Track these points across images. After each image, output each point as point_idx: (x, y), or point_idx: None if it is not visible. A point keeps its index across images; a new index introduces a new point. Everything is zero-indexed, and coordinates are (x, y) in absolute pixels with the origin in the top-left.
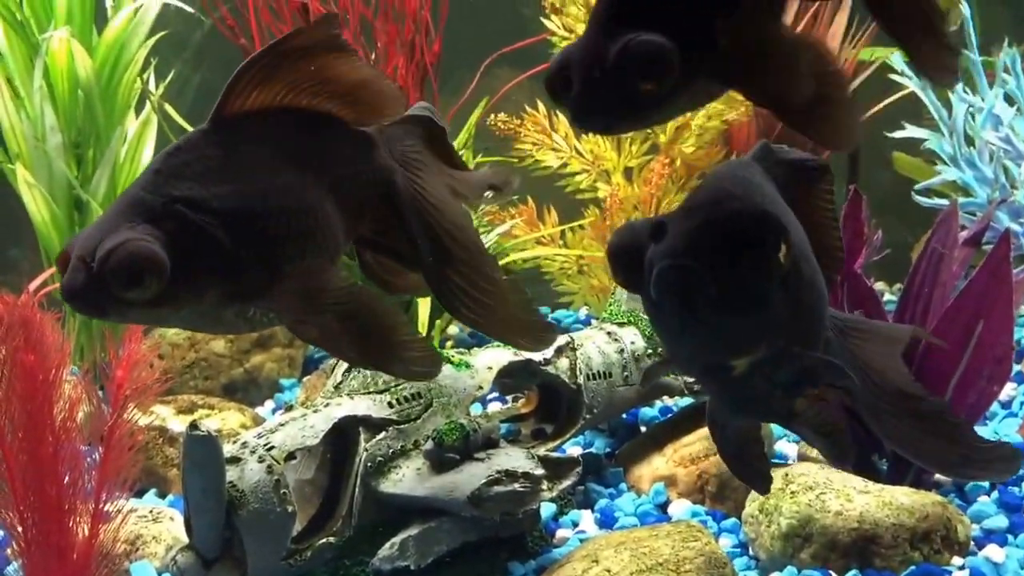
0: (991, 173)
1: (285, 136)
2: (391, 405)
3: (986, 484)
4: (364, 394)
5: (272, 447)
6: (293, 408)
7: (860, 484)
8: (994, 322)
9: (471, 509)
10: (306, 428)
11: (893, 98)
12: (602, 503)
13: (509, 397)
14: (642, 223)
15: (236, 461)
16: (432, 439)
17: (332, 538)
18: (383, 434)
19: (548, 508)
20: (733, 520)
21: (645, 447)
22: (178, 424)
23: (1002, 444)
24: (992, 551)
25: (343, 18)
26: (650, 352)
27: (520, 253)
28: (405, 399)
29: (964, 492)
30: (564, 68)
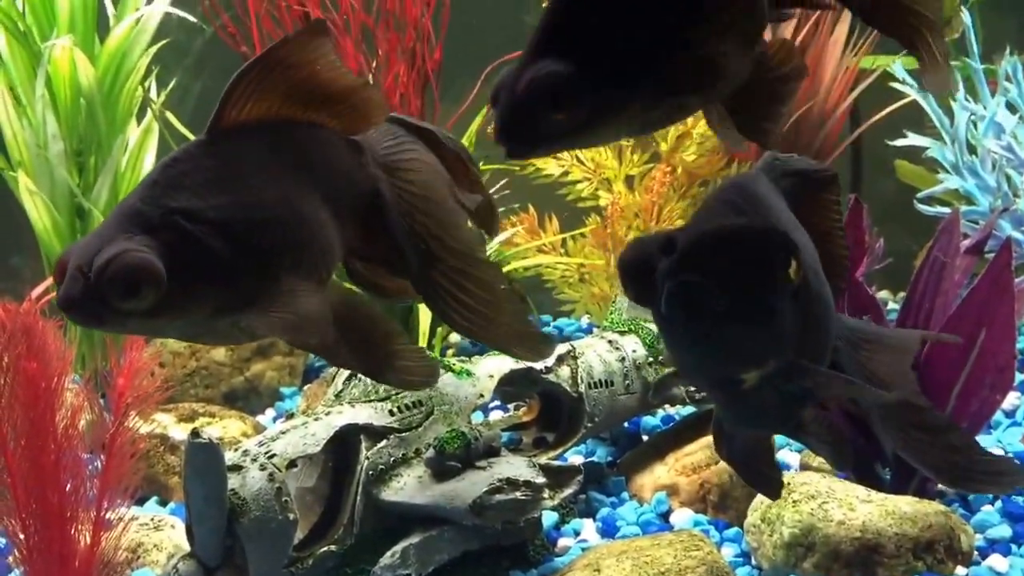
0: (993, 182)
1: (280, 147)
2: (392, 413)
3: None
4: (365, 402)
5: (274, 455)
6: (294, 416)
7: (863, 493)
8: (996, 331)
9: (473, 517)
10: (307, 436)
11: (895, 106)
12: (604, 512)
13: (510, 405)
14: (652, 238)
15: (238, 469)
16: (433, 447)
17: (333, 546)
18: (384, 442)
19: (550, 517)
20: (735, 529)
21: (647, 456)
22: (179, 432)
23: (1006, 458)
24: (996, 561)
25: (344, 25)
26: (651, 360)
27: (521, 261)
28: (406, 407)
29: (968, 502)
30: (499, 89)
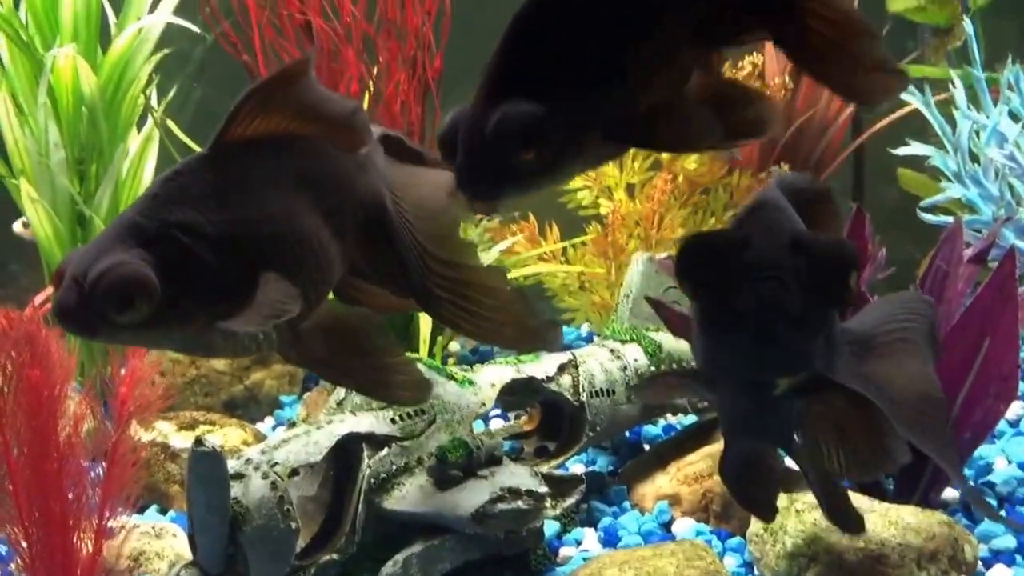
0: (996, 190)
1: (283, 163)
2: (394, 421)
3: (994, 503)
4: (367, 410)
5: (276, 463)
6: (296, 424)
7: (866, 503)
8: (1000, 340)
9: (475, 526)
10: (310, 444)
11: (897, 114)
12: (606, 521)
13: (511, 414)
14: (721, 233)
15: (240, 477)
16: (436, 456)
17: (335, 555)
18: (386, 451)
19: (552, 526)
20: (738, 539)
21: (648, 465)
22: (179, 440)
23: None
24: (1000, 572)
25: (346, 34)
26: (653, 369)
27: (522, 269)
28: (408, 415)
29: (971, 512)
30: (453, 133)
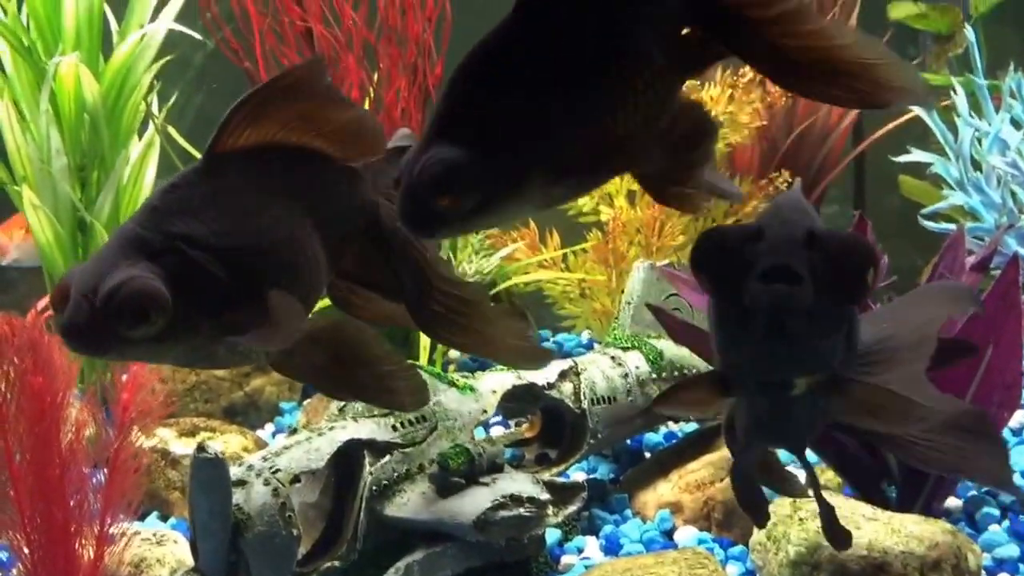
0: (998, 198)
1: (277, 172)
2: (395, 428)
3: (997, 512)
4: (368, 417)
5: (278, 470)
6: (297, 431)
7: (869, 511)
8: (1003, 348)
9: (476, 534)
10: (311, 451)
11: (898, 121)
12: (607, 529)
13: (512, 421)
14: (738, 228)
15: (242, 484)
16: (437, 463)
17: (337, 562)
18: (388, 457)
19: (553, 534)
20: (740, 547)
21: (650, 473)
22: (180, 447)
23: None
24: None
25: (347, 41)
26: (655, 377)
27: (522, 277)
28: (410, 422)
29: (975, 520)
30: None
